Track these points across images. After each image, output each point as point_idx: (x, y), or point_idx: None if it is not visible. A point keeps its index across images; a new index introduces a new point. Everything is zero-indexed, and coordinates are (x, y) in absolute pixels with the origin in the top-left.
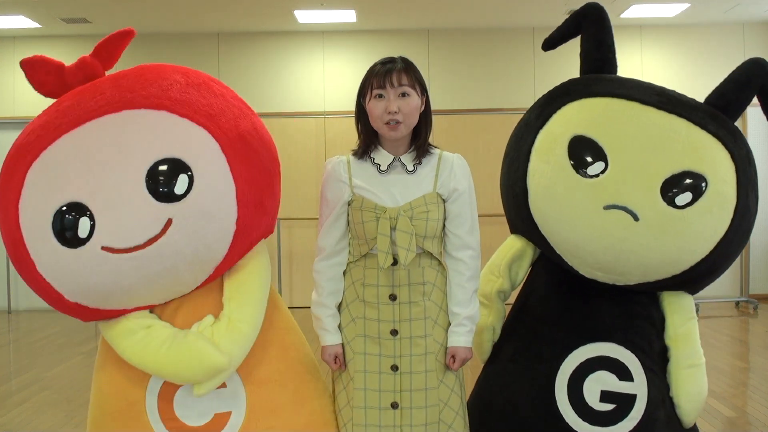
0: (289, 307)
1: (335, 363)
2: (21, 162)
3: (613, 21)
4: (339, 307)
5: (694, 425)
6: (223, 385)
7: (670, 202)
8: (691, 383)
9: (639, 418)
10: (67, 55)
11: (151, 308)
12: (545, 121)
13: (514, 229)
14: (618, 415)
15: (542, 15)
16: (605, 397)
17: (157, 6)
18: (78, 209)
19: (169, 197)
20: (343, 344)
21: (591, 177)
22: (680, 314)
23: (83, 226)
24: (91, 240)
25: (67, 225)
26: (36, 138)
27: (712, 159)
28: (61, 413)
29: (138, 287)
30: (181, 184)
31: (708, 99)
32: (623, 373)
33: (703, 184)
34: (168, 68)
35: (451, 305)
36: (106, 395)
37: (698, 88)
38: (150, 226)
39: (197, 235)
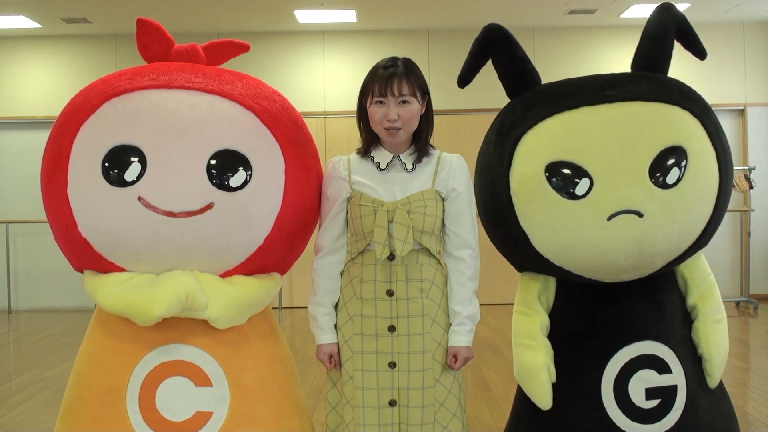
0: (289, 307)
1: (330, 362)
2: (104, 93)
3: (613, 21)
4: (336, 306)
5: (724, 388)
6: (209, 384)
7: (662, 185)
8: (720, 335)
9: (683, 407)
10: (67, 55)
11: None
12: (510, 164)
13: (523, 269)
14: (664, 409)
15: (542, 15)
16: (650, 393)
17: (157, 6)
18: (134, 153)
19: (221, 184)
20: (338, 344)
21: (582, 196)
22: (699, 274)
23: (132, 170)
24: (132, 186)
25: (118, 163)
26: (127, 80)
27: (678, 125)
28: None
29: (149, 251)
30: (237, 178)
31: (635, 63)
32: (662, 367)
33: (683, 154)
34: (268, 87)
35: (452, 304)
36: (85, 379)
37: (699, 89)
38: (192, 201)
39: (228, 230)
